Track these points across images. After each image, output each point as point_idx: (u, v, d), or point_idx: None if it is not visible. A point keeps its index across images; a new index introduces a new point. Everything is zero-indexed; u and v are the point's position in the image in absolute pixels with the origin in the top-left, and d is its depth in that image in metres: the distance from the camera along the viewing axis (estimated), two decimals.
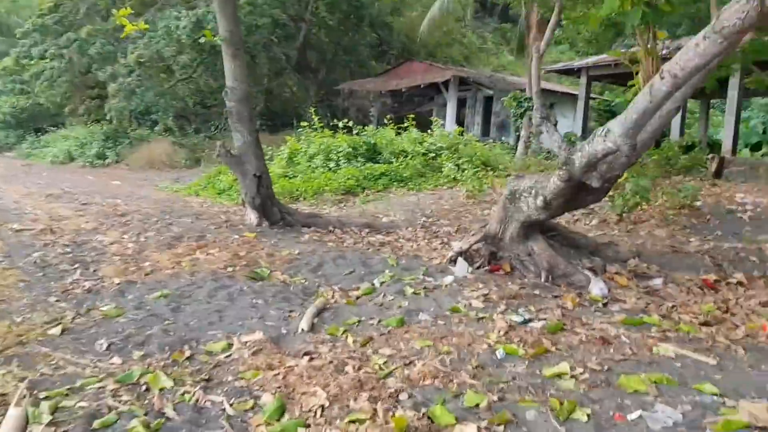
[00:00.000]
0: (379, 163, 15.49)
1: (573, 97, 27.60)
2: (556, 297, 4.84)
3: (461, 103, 28.32)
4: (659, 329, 3.93)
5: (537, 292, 5.00)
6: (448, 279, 5.35)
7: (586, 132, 20.82)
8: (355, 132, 17.11)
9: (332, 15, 30.15)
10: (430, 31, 27.29)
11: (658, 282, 5.62)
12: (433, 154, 15.20)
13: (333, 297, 5.06)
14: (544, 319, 4.11)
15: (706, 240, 7.25)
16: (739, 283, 5.59)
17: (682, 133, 19.50)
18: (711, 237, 7.41)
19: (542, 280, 5.56)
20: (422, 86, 25.95)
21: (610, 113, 26.65)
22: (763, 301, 5.08)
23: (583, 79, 20.83)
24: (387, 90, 27.62)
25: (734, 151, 17.72)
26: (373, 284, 5.44)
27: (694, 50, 3.61)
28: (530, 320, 4.08)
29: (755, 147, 28.68)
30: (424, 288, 5.10)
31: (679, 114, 18.59)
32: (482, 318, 4.15)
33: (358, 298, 5.05)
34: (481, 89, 27.79)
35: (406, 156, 15.22)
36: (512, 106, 19.39)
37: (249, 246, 6.87)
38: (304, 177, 14.22)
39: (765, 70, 13.21)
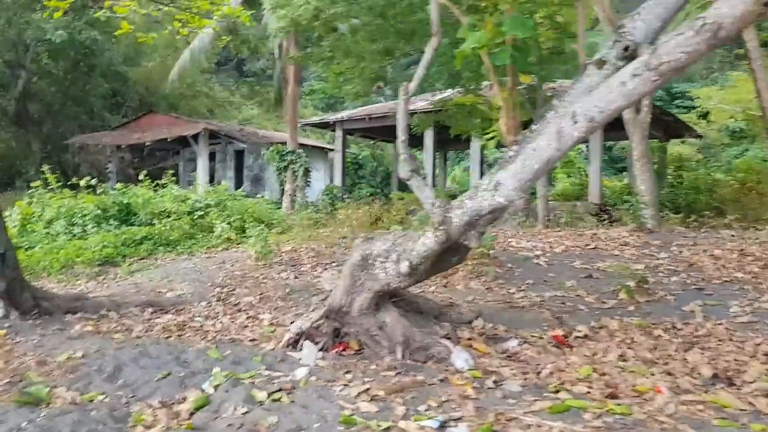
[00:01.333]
0: (135, 225, 13.63)
1: (322, 150, 27.98)
2: (442, 381, 4.09)
3: (210, 157, 27.02)
4: (594, 414, 3.39)
5: (417, 376, 4.21)
6: (302, 372, 4.31)
7: (345, 184, 20.97)
8: (100, 191, 14.93)
9: (57, 63, 26.85)
10: (173, 82, 25.69)
11: (513, 344, 5.20)
12: (200, 213, 13.79)
13: (155, 418, 3.73)
14: (462, 419, 3.32)
15: (523, 291, 7.16)
16: (586, 336, 5.43)
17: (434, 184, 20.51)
18: (524, 286, 7.36)
19: (398, 356, 4.81)
20: (169, 140, 24.13)
21: (357, 165, 27.48)
22: (617, 355, 4.92)
23: (339, 132, 21.06)
24: (128, 144, 25.23)
25: None
26: (203, 390, 4.19)
27: (618, 90, 3.22)
28: (446, 424, 3.27)
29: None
30: (279, 390, 4.00)
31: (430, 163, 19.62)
32: (388, 429, 3.22)
33: (192, 414, 3.78)
34: (233, 142, 26.82)
35: (168, 216, 13.59)
36: (275, 160, 18.76)
37: (2, 352, 5.06)
38: (45, 247, 11.83)
39: None
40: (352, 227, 11.45)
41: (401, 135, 3.88)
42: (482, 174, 19.25)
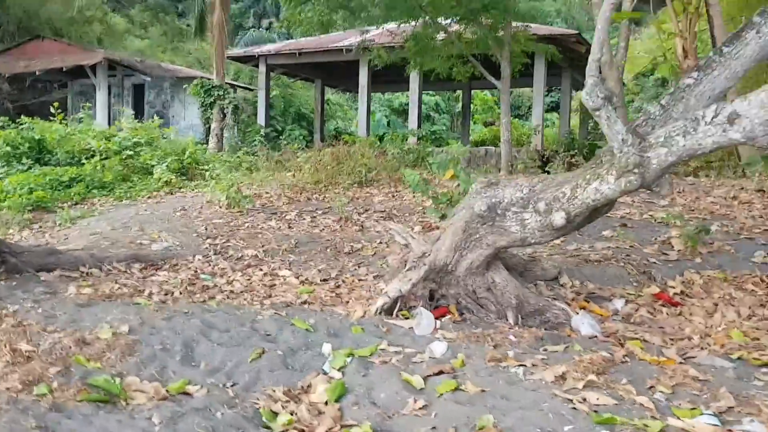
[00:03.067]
0: (50, 165, 11.87)
1: (232, 89, 26.06)
2: (611, 354, 3.42)
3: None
4: None
5: (567, 346, 3.54)
6: (440, 348, 3.48)
7: (267, 122, 19.59)
8: None
9: None
10: (64, 5, 22.72)
11: (620, 305, 4.66)
12: (130, 152, 12.17)
13: (297, 417, 2.85)
14: (731, 411, 2.69)
15: (575, 242, 6.61)
16: (683, 293, 4.99)
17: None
18: (568, 238, 6.83)
19: (510, 321, 4.12)
20: (64, 70, 21.43)
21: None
22: (735, 313, 4.52)
23: (263, 68, 19.44)
24: (13, 73, 22.19)
25: None
26: (326, 373, 3.31)
27: None
28: (721, 417, 2.62)
29: (380, 139, 31.30)
30: (439, 373, 3.18)
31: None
32: (663, 430, 2.53)
33: (339, 409, 2.91)
34: (132, 75, 24.34)
35: (93, 156, 11.92)
36: (199, 95, 17.05)
37: (8, 327, 3.83)
38: None
39: None
40: (326, 172, 10.45)
41: (597, 52, 3.08)
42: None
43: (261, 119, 19.33)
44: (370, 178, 10.91)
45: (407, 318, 4.15)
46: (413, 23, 12.32)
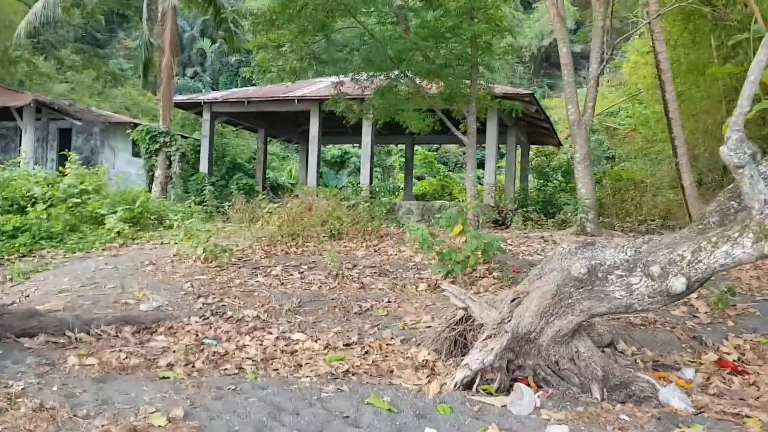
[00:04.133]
0: None
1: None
2: None
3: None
4: None
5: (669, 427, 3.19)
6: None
7: (211, 170, 18.84)
8: None
9: None
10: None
11: (691, 374, 4.40)
12: (77, 200, 11.20)
13: None
14: None
15: None
16: (740, 359, 4.79)
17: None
18: None
19: (596, 395, 3.76)
20: None
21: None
22: None
23: (207, 115, 18.75)
24: None
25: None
26: None
27: None
28: None
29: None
30: None
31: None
32: None
33: None
34: (59, 119, 23.03)
35: (34, 203, 10.91)
36: (144, 141, 16.13)
37: (28, 412, 3.11)
38: None
39: None
40: (299, 224, 9.87)
41: (745, 105, 2.84)
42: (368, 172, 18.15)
43: (204, 167, 18.55)
44: (343, 231, 10.47)
45: (490, 393, 3.70)
46: (381, 76, 12.17)
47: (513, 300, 3.97)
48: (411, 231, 7.12)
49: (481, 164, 19.57)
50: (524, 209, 15.27)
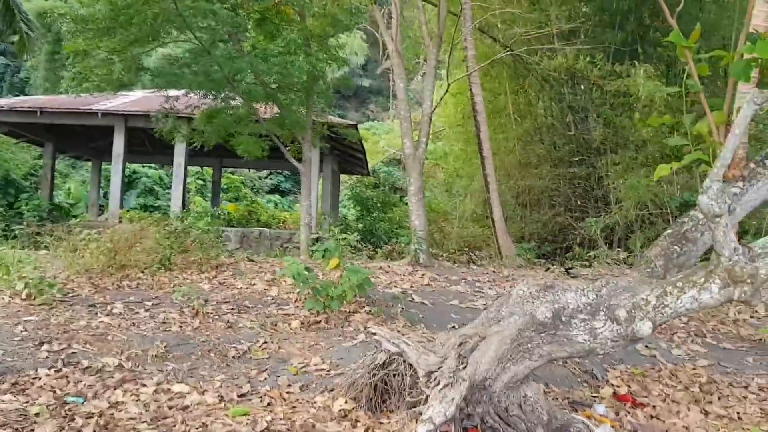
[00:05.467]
0: None
1: None
2: None
3: None
4: None
5: None
6: None
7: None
8: None
9: None
10: None
11: (602, 410, 4.55)
12: None
13: None
14: None
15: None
16: (629, 390, 5.09)
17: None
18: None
19: None
20: None
21: None
22: (699, 411, 4.74)
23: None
24: None
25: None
26: None
27: None
28: None
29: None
30: None
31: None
32: None
33: None
34: None
35: None
36: None
37: None
38: None
39: None
40: (125, 253, 8.74)
41: (728, 157, 2.93)
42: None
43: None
44: (173, 261, 9.56)
45: None
46: (215, 95, 11.50)
47: (460, 344, 3.79)
48: (285, 263, 6.65)
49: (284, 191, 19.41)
50: (344, 238, 15.29)
